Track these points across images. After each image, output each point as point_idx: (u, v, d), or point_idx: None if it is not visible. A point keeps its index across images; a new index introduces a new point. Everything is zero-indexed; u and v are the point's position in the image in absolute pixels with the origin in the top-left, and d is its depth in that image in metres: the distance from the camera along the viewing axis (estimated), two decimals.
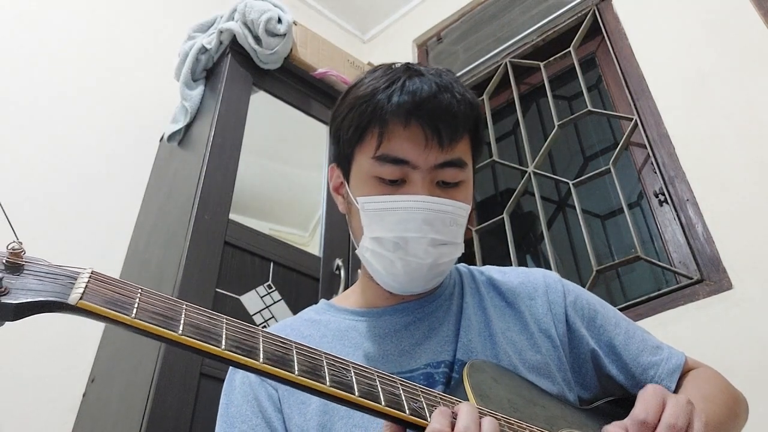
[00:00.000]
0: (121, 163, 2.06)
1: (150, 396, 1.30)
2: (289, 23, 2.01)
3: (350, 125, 0.78)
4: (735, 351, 1.40)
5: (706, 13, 1.91)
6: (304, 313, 0.91)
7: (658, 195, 1.81)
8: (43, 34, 2.08)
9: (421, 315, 0.83)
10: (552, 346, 0.81)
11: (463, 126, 0.76)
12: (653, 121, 1.88)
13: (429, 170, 0.75)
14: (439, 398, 0.61)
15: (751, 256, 1.52)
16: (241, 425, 0.76)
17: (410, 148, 0.74)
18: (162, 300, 0.52)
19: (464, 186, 0.78)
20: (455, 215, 0.75)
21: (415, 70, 0.78)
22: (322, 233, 1.86)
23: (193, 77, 1.98)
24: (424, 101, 0.74)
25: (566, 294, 0.86)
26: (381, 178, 0.76)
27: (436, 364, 0.76)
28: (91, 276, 0.50)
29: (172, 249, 1.60)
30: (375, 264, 0.78)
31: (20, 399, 1.55)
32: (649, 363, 0.83)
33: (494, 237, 2.15)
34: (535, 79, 2.41)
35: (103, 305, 0.48)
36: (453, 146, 0.75)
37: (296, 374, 0.53)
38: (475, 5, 2.75)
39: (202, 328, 0.52)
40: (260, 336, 0.54)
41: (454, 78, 0.79)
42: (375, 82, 0.78)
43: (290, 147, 2.09)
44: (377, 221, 0.75)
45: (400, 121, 0.74)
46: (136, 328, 0.49)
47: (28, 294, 0.46)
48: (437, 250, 0.75)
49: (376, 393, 0.56)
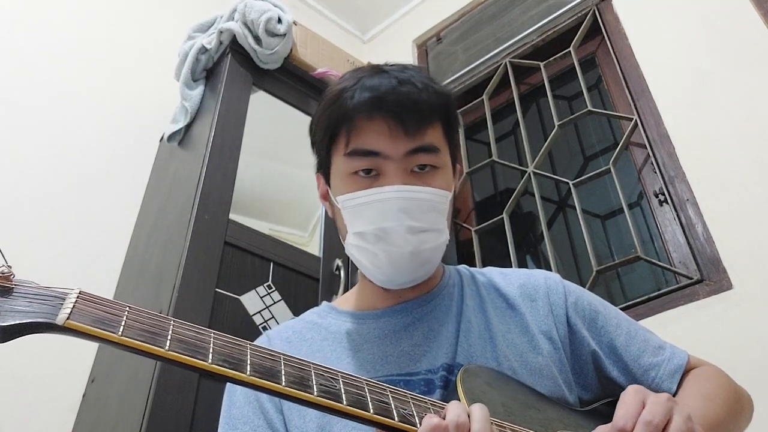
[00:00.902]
0: (121, 163, 2.06)
1: (150, 396, 1.30)
2: (289, 23, 2.01)
3: (322, 129, 0.81)
4: (735, 351, 1.40)
5: (706, 13, 1.91)
6: (306, 315, 0.92)
7: (658, 195, 1.81)
8: (42, 34, 2.08)
9: (419, 315, 0.83)
10: (553, 348, 0.81)
11: (429, 112, 0.77)
12: (653, 121, 1.88)
13: (401, 159, 0.76)
14: (430, 404, 0.62)
15: (751, 256, 1.52)
16: (243, 426, 0.77)
17: (377, 139, 0.75)
18: (149, 317, 0.53)
19: (440, 172, 0.79)
20: (432, 201, 0.76)
21: (378, 69, 0.80)
22: (322, 233, 1.86)
23: (193, 77, 1.98)
24: (385, 94, 0.75)
25: (567, 295, 0.86)
26: (356, 173, 0.77)
27: (435, 369, 0.76)
28: (79, 296, 0.51)
29: (172, 249, 1.60)
30: (361, 259, 0.79)
31: (20, 399, 1.55)
32: (650, 364, 0.82)
33: (494, 237, 2.15)
34: (535, 79, 2.41)
35: (90, 324, 0.49)
36: (422, 133, 0.76)
37: (283, 385, 0.54)
38: (475, 5, 2.74)
39: (189, 343, 0.53)
40: (248, 349, 0.56)
41: (417, 71, 0.80)
42: (342, 83, 0.80)
43: (290, 147, 2.09)
44: (357, 217, 0.77)
45: (363, 116, 0.76)
46: (123, 345, 0.50)
47: (16, 316, 0.47)
48: (417, 238, 0.75)
49: (365, 401, 0.57)
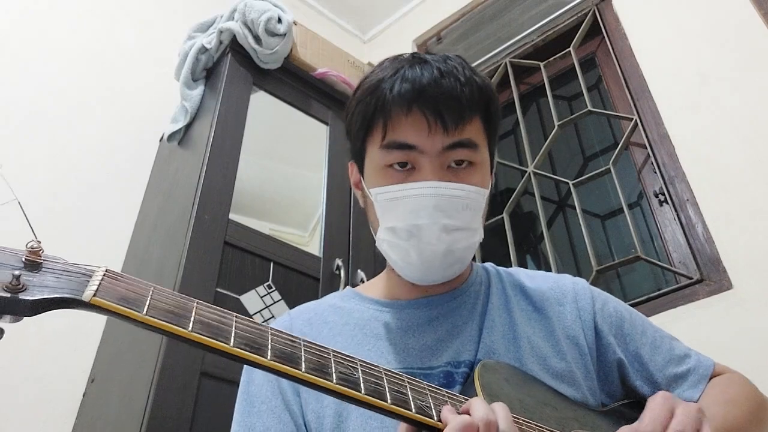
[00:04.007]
0: (121, 163, 2.06)
1: (150, 396, 1.30)
2: (289, 23, 2.01)
3: (358, 119, 0.79)
4: (735, 351, 1.40)
5: (706, 13, 1.91)
6: (328, 298, 0.90)
7: (658, 195, 1.81)
8: (42, 35, 2.08)
9: (444, 310, 0.81)
10: (579, 354, 0.80)
11: (469, 108, 0.75)
12: (653, 121, 1.88)
13: (437, 155, 0.74)
14: (447, 396, 0.61)
15: (751, 256, 1.52)
16: (260, 405, 0.76)
17: (414, 133, 0.73)
18: (174, 298, 0.54)
19: (478, 168, 0.76)
20: (468, 199, 0.74)
21: (419, 59, 0.78)
22: (322, 233, 1.85)
23: (193, 77, 1.98)
24: (425, 88, 0.73)
25: (595, 300, 0.85)
26: (391, 166, 0.75)
27: (456, 364, 0.75)
28: (106, 274, 0.52)
29: (172, 249, 1.59)
30: (392, 255, 0.77)
31: (20, 399, 1.55)
32: (675, 375, 0.81)
33: (494, 237, 2.15)
34: (535, 79, 2.41)
35: (115, 302, 0.50)
36: (460, 129, 0.74)
37: (303, 371, 0.54)
38: (475, 5, 2.74)
39: (212, 325, 0.53)
40: (269, 333, 0.55)
41: (460, 62, 0.78)
42: (380, 73, 0.78)
43: (290, 147, 2.09)
44: (390, 211, 0.75)
45: (402, 109, 0.74)
46: (147, 325, 0.51)
47: (44, 291, 0.48)
48: (450, 236, 0.73)
49: (383, 391, 0.56)
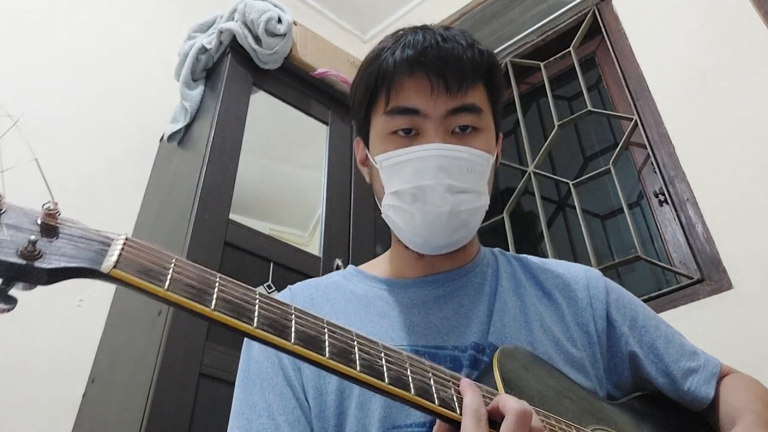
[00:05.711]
0: (121, 163, 2.06)
1: (150, 396, 1.30)
2: (289, 23, 2.01)
3: (361, 90, 0.79)
4: (735, 351, 1.40)
5: (706, 13, 1.91)
6: (331, 275, 0.89)
7: (658, 195, 1.81)
8: (42, 35, 2.08)
9: (450, 288, 0.80)
10: (588, 342, 0.80)
11: (472, 71, 0.75)
12: (653, 121, 1.87)
13: (441, 119, 0.74)
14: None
15: (751, 256, 1.52)
16: (261, 382, 0.75)
17: (417, 96, 0.74)
18: (196, 271, 0.50)
19: (482, 134, 0.76)
20: (472, 162, 0.74)
21: (421, 27, 0.78)
22: (322, 233, 1.85)
23: (193, 77, 1.98)
24: (427, 50, 0.74)
25: (609, 291, 0.85)
26: (395, 133, 0.75)
27: (463, 347, 0.74)
28: (126, 242, 0.48)
29: (172, 249, 1.59)
30: (396, 220, 0.77)
31: (20, 399, 1.55)
32: (689, 369, 0.82)
33: (494, 236, 2.15)
34: (535, 79, 2.41)
35: (135, 275, 0.46)
36: (464, 92, 0.74)
37: (327, 357, 0.51)
38: (475, 5, 2.74)
39: (235, 303, 0.50)
40: (293, 314, 0.53)
41: (463, 31, 0.78)
42: (382, 44, 0.79)
43: (290, 147, 2.09)
44: (395, 175, 0.75)
45: (404, 73, 0.74)
46: (168, 301, 0.47)
47: (61, 259, 0.44)
48: (455, 197, 0.73)
49: (406, 380, 0.54)
